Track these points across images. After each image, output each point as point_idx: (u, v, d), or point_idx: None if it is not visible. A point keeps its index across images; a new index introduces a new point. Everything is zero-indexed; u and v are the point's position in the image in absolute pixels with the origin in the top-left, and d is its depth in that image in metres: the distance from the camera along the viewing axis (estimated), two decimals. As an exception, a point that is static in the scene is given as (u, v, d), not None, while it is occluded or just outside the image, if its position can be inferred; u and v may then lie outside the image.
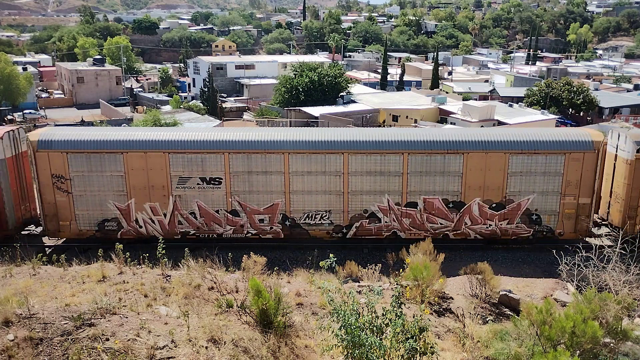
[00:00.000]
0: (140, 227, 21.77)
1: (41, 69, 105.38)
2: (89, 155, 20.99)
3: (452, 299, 14.72)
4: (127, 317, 10.52)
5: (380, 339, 8.95)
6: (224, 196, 21.48)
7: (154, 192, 21.39)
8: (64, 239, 22.38)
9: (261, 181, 21.40)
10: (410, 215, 21.72)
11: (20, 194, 22.43)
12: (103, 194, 21.36)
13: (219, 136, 21.51)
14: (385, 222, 21.82)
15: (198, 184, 21.34)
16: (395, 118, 62.81)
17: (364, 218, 21.81)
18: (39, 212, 22.23)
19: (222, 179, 21.28)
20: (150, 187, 21.33)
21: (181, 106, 68.74)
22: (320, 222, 21.88)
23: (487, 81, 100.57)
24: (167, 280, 13.44)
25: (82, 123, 60.81)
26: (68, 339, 9.61)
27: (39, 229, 22.49)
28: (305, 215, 21.82)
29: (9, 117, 67.94)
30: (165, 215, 21.67)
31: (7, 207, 21.69)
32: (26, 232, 22.46)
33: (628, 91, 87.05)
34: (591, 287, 13.00)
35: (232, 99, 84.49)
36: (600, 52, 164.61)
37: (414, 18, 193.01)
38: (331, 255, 10.63)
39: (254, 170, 21.26)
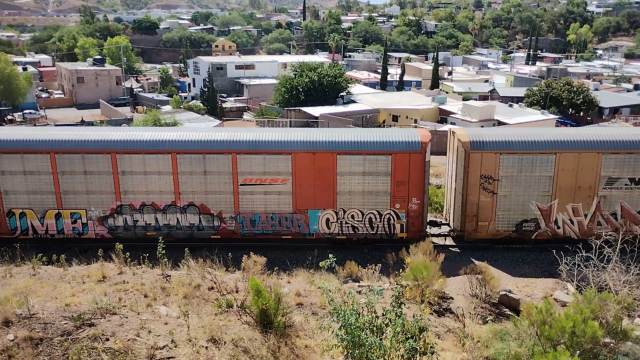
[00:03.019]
0: (558, 227, 21.60)
1: (41, 69, 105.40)
2: (521, 156, 20.87)
3: (452, 299, 14.73)
4: (127, 317, 10.52)
5: (380, 339, 8.96)
6: None
7: (580, 192, 21.23)
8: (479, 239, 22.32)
9: None
10: None
11: None
12: (527, 194, 21.26)
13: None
14: None
15: (626, 184, 21.13)
16: (395, 118, 62.83)
17: None
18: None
19: None
20: (576, 188, 21.19)
21: (181, 106, 68.76)
22: None
23: (487, 81, 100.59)
24: (167, 280, 13.44)
25: (82, 123, 60.80)
26: (68, 339, 9.61)
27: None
28: None
29: (9, 117, 67.96)
30: (585, 216, 21.53)
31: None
32: None
33: (628, 91, 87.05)
34: (591, 287, 13.00)
35: (232, 99, 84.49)
36: (600, 52, 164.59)
37: (414, 18, 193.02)
38: (331, 255, 10.64)
39: None
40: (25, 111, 71.54)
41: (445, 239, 23.20)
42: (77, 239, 21.78)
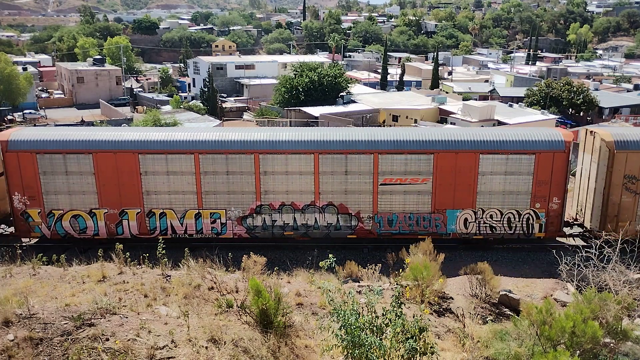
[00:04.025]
0: None
1: (41, 69, 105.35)
2: None
3: (452, 299, 14.72)
4: (127, 317, 10.52)
5: (380, 339, 8.96)
6: None
7: None
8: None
9: None
10: None
11: None
12: None
13: None
14: None
15: None
16: (395, 118, 62.82)
17: None
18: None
19: None
20: None
21: (181, 106, 68.72)
22: None
23: (487, 81, 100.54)
24: (167, 280, 13.44)
25: (82, 123, 60.79)
26: (68, 339, 9.61)
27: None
28: None
29: (9, 117, 67.93)
30: None
31: None
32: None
33: (628, 91, 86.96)
34: (591, 287, 13.00)
35: (232, 99, 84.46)
36: (600, 52, 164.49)
37: (414, 18, 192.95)
38: (331, 255, 10.64)
39: None
40: (25, 111, 71.50)
41: (574, 239, 22.83)
42: (215, 239, 21.86)
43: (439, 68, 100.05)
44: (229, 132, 22.01)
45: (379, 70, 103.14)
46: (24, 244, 20.63)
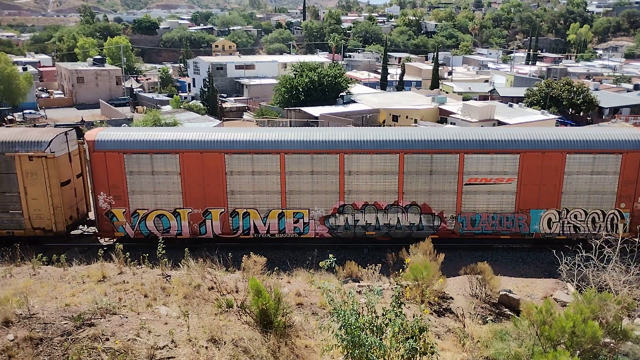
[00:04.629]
0: None
1: (41, 69, 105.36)
2: None
3: (452, 299, 14.72)
4: (127, 317, 10.52)
5: (380, 339, 8.95)
6: None
7: None
8: None
9: None
10: None
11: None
12: None
13: None
14: None
15: None
16: (395, 118, 62.81)
17: None
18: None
19: None
20: None
21: (181, 106, 68.71)
22: None
23: (487, 81, 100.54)
24: (167, 280, 13.43)
25: (82, 123, 60.80)
26: (68, 339, 9.61)
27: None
28: None
29: (9, 117, 67.92)
30: None
31: None
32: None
33: (628, 91, 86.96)
34: (591, 287, 13.00)
35: (232, 99, 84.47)
36: (600, 52, 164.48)
37: (414, 18, 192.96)
38: (331, 255, 10.64)
39: None
40: (25, 111, 71.50)
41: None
42: (297, 238, 21.98)
43: (439, 68, 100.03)
44: (315, 132, 22.15)
45: (379, 70, 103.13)
46: (104, 244, 20.84)
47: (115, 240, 21.93)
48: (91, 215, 23.76)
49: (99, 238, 22.40)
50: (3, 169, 21.05)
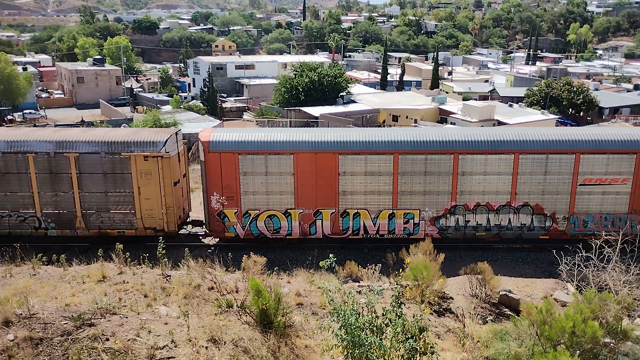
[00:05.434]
0: None
1: (41, 69, 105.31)
2: None
3: (452, 299, 14.72)
4: (127, 317, 10.52)
5: (380, 339, 8.95)
6: None
7: None
8: None
9: None
10: None
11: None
12: None
13: None
14: None
15: None
16: (395, 118, 62.79)
17: None
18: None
19: None
20: None
21: (181, 106, 68.68)
22: None
23: (487, 81, 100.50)
24: (167, 280, 13.44)
25: (82, 123, 60.79)
26: (68, 339, 9.61)
27: None
28: None
29: (9, 117, 67.92)
30: None
31: None
32: None
33: (628, 91, 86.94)
34: (591, 287, 12.99)
35: (232, 99, 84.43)
36: (600, 52, 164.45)
37: (414, 18, 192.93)
38: (331, 255, 10.64)
39: None
40: (25, 111, 71.46)
41: None
42: (407, 239, 21.64)
43: (439, 68, 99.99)
44: (429, 132, 22.17)
45: (379, 70, 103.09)
46: (211, 245, 20.92)
47: (218, 240, 22.16)
48: (191, 215, 24.05)
49: (201, 239, 22.46)
50: (118, 169, 21.10)
